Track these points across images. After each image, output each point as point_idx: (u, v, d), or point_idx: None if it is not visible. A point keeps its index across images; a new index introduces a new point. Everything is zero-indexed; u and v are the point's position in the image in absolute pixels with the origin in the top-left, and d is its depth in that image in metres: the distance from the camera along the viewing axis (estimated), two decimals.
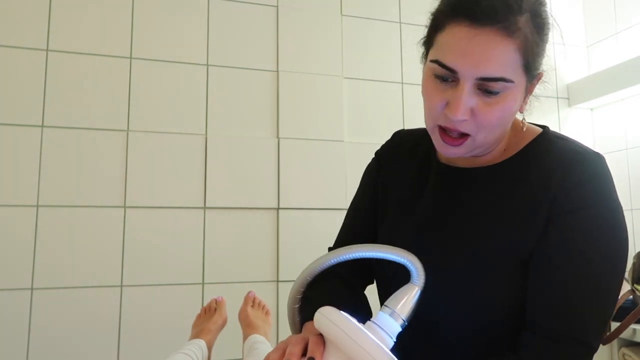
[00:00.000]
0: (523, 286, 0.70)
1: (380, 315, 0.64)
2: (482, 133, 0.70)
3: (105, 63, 1.90)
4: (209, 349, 1.43)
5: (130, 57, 1.93)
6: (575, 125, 2.51)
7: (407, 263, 0.65)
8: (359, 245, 0.68)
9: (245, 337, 1.49)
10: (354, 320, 0.60)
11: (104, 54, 1.90)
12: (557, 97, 2.50)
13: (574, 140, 0.77)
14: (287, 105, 2.07)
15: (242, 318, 1.54)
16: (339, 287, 0.81)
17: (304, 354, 0.61)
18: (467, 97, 0.67)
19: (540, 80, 0.76)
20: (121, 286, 1.82)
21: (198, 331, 1.46)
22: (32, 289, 1.74)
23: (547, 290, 0.68)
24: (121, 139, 1.88)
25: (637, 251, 1.85)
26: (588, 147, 0.75)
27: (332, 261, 0.68)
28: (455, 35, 0.67)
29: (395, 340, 0.63)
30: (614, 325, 1.61)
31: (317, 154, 2.08)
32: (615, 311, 1.74)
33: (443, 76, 0.69)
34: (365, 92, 2.18)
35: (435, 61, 0.69)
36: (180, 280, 1.88)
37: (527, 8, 0.67)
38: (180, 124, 1.95)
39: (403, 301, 0.64)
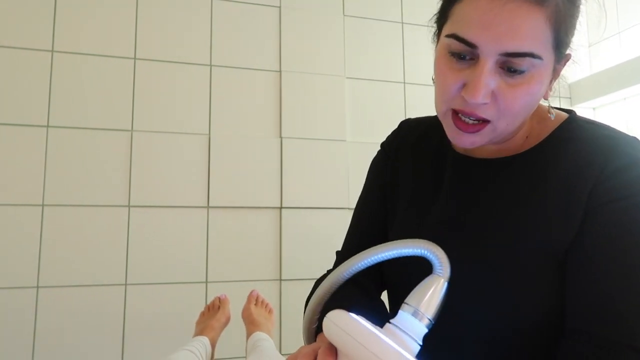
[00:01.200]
0: (558, 289, 0.62)
1: (400, 315, 0.52)
2: (504, 120, 0.61)
3: (110, 64, 1.92)
4: (213, 346, 1.44)
5: (134, 58, 1.95)
6: None
7: (427, 253, 0.54)
8: (366, 251, 0.57)
9: (248, 335, 1.51)
10: (367, 324, 0.50)
11: (108, 54, 1.92)
12: (559, 97, 2.50)
13: (606, 125, 0.68)
14: (289, 105, 2.09)
15: (246, 316, 1.55)
16: (354, 291, 0.71)
17: None
18: (488, 76, 0.58)
19: (568, 63, 0.66)
20: (125, 284, 1.84)
21: (202, 328, 1.48)
22: (37, 287, 1.76)
23: (590, 292, 0.59)
24: (125, 139, 1.90)
25: None
26: (622, 131, 0.66)
27: (345, 275, 0.58)
28: (477, 5, 0.58)
29: (421, 344, 0.52)
30: None
31: (320, 153, 2.09)
32: None
33: (460, 53, 0.60)
34: (367, 92, 2.19)
35: (452, 35, 0.60)
36: (184, 278, 1.90)
37: None
38: (184, 124, 1.97)
39: (427, 296, 0.52)
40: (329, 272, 0.78)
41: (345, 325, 0.49)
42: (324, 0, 2.19)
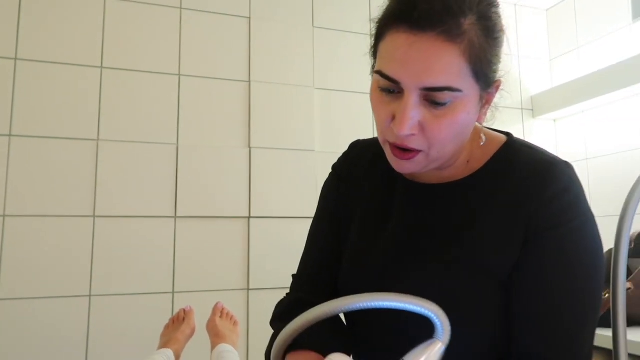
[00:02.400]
0: (503, 309, 0.65)
1: None
2: (434, 148, 0.64)
3: (76, 72, 1.89)
4: (177, 358, 1.44)
5: (101, 67, 1.93)
6: (539, 135, 2.60)
7: (432, 316, 0.55)
8: (373, 294, 0.56)
9: (213, 347, 1.50)
10: None
11: (74, 63, 1.90)
12: (522, 109, 2.59)
13: (541, 149, 0.72)
14: (258, 115, 2.10)
15: (210, 328, 1.55)
16: (326, 322, 0.70)
17: None
18: (412, 110, 0.61)
19: (500, 89, 0.69)
20: (90, 296, 1.81)
21: (166, 341, 1.47)
22: None
23: (536, 315, 0.63)
24: (91, 149, 1.88)
25: None
26: (556, 156, 0.70)
27: (339, 309, 0.57)
28: (395, 43, 0.61)
29: None
30: None
31: (288, 163, 2.10)
32: None
33: (388, 88, 0.64)
34: (336, 103, 2.23)
35: (378, 72, 0.64)
36: (150, 289, 1.88)
37: (473, 10, 0.61)
38: (152, 134, 1.96)
39: (423, 359, 0.55)
40: (287, 295, 0.80)
41: None
42: (293, 12, 2.22)
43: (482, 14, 0.62)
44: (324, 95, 2.21)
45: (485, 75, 0.63)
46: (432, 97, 0.61)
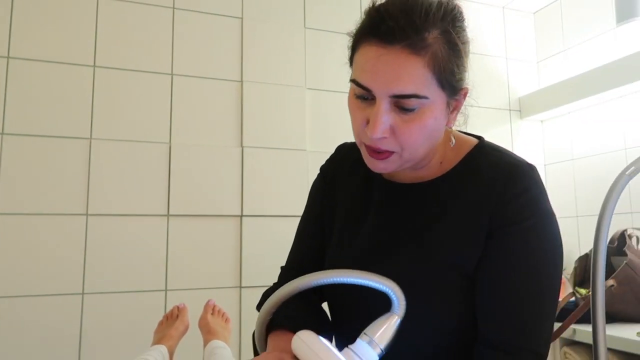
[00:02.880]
0: (469, 300, 0.71)
1: (358, 342, 0.63)
2: (406, 150, 0.70)
3: (68, 71, 1.90)
4: (171, 354, 1.46)
5: (94, 66, 1.94)
6: (527, 136, 2.64)
7: (389, 291, 0.63)
8: (337, 270, 0.66)
9: (205, 343, 1.53)
10: (332, 347, 0.60)
11: (67, 61, 1.90)
12: (510, 110, 2.63)
13: (508, 152, 0.78)
14: (250, 115, 2.12)
15: (202, 325, 1.57)
16: (303, 304, 0.78)
17: None
18: (383, 115, 0.67)
19: (467, 96, 0.76)
20: (83, 294, 1.82)
21: (160, 337, 1.49)
22: None
23: (496, 304, 0.69)
24: (84, 147, 1.89)
25: (577, 257, 1.97)
26: (521, 159, 0.76)
27: (311, 284, 0.65)
28: (366, 55, 0.67)
29: None
30: (556, 325, 1.72)
31: (280, 162, 2.13)
32: (557, 312, 1.85)
33: (362, 95, 0.70)
34: (327, 103, 2.25)
35: (353, 80, 0.70)
36: (143, 287, 1.89)
37: (437, 25, 0.67)
38: (144, 132, 1.97)
39: (382, 330, 0.63)
40: (275, 285, 0.86)
41: (314, 346, 0.59)
42: (285, 13, 2.24)
43: (445, 28, 0.68)
44: (315, 95, 2.24)
45: (450, 84, 0.69)
46: (401, 104, 0.67)
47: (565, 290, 2.13)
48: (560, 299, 1.92)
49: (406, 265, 0.73)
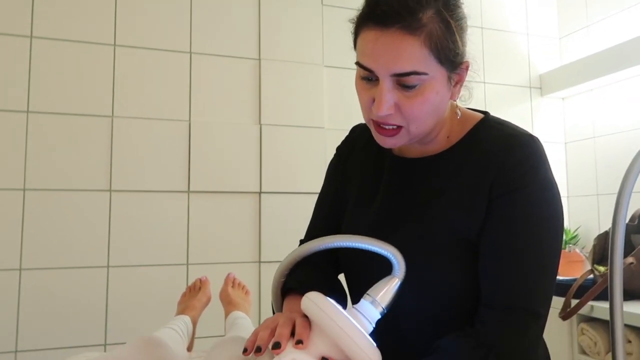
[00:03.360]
0: (473, 266, 0.75)
1: (362, 302, 0.69)
2: (413, 124, 0.75)
3: (90, 50, 1.93)
4: (194, 324, 1.51)
5: (114, 45, 1.96)
6: (547, 114, 2.61)
7: (390, 255, 0.70)
8: (345, 235, 0.73)
9: (226, 314, 1.57)
10: (339, 306, 0.65)
11: (89, 41, 1.93)
12: (530, 87, 2.59)
13: (512, 125, 0.81)
14: (268, 93, 2.13)
15: (223, 297, 1.62)
16: (317, 272, 0.85)
17: (292, 334, 0.65)
18: (387, 93, 0.72)
19: (469, 69, 0.79)
20: (108, 267, 1.88)
21: (183, 308, 1.54)
22: (20, 269, 1.79)
23: (496, 267, 0.73)
24: (106, 125, 1.92)
25: (597, 234, 1.96)
26: (524, 130, 0.79)
27: (318, 247, 0.74)
28: (366, 39, 0.73)
29: (374, 325, 0.69)
30: (574, 302, 1.73)
31: (298, 140, 2.14)
32: (575, 289, 1.86)
33: (367, 77, 0.75)
34: (345, 80, 2.25)
35: (357, 63, 0.75)
36: (166, 261, 1.95)
37: (431, 5, 0.71)
38: (164, 110, 2.00)
39: (384, 291, 0.69)
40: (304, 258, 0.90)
41: (322, 305, 0.64)
42: None
43: (439, 8, 0.72)
44: (333, 73, 2.24)
45: (448, 59, 0.73)
46: (402, 82, 0.72)
47: (584, 267, 2.13)
48: (578, 276, 1.92)
49: (412, 234, 0.78)
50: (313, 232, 0.96)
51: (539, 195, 0.74)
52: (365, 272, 0.83)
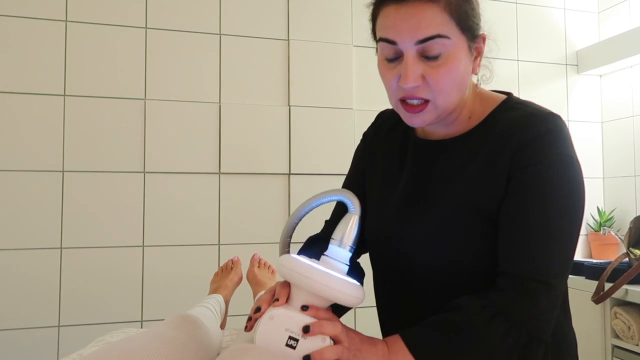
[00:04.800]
0: (492, 239, 0.77)
1: (330, 247, 0.74)
2: (439, 97, 0.76)
3: (123, 33, 1.96)
4: (226, 303, 1.54)
5: (146, 27, 1.99)
6: (583, 92, 2.53)
7: (342, 198, 0.76)
8: (299, 206, 0.81)
9: (255, 294, 1.61)
10: (305, 260, 0.70)
11: (121, 24, 1.96)
12: (566, 64, 2.51)
13: (535, 104, 0.82)
14: (297, 74, 2.13)
15: (250, 278, 1.65)
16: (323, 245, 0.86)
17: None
18: (413, 65, 0.74)
19: (486, 41, 0.81)
20: (143, 246, 1.94)
21: (216, 287, 1.57)
22: (61, 248, 1.87)
23: (512, 239, 0.75)
24: (139, 107, 1.96)
25: (634, 217, 1.91)
26: (545, 108, 0.80)
27: (292, 223, 0.84)
28: (387, 15, 0.75)
29: (349, 264, 0.74)
30: (608, 285, 1.70)
31: (327, 121, 2.14)
32: (609, 272, 1.82)
33: (391, 56, 0.77)
34: (374, 60, 2.21)
35: (380, 39, 0.77)
36: (198, 241, 2.00)
37: None
38: (195, 93, 2.03)
39: (347, 230, 0.74)
40: (317, 234, 1.00)
41: (288, 263, 0.69)
42: None
43: None
44: (362, 53, 2.22)
45: (468, 26, 0.76)
46: (426, 50, 0.74)
47: (619, 250, 2.08)
48: (612, 259, 1.88)
49: (438, 213, 0.80)
50: (339, 211, 0.98)
51: (556, 169, 0.74)
52: (393, 261, 0.87)
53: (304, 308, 0.69)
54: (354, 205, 0.76)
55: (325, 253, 0.74)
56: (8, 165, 1.84)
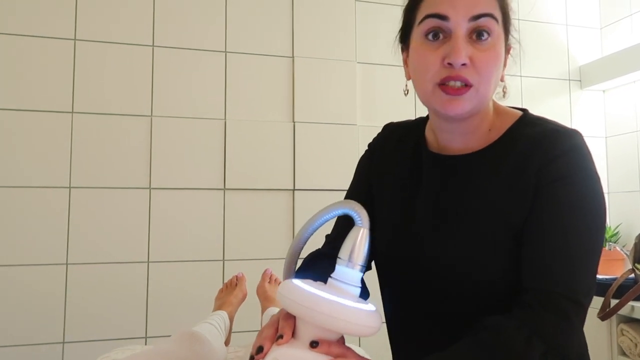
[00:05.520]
0: (515, 256, 0.75)
1: (337, 268, 0.64)
2: (483, 83, 0.75)
3: (130, 51, 1.99)
4: (231, 319, 1.55)
5: (153, 45, 2.02)
6: (587, 107, 2.53)
7: (348, 211, 0.66)
8: (306, 223, 0.71)
9: (263, 310, 1.61)
10: (310, 288, 0.59)
11: (128, 42, 1.99)
12: (569, 79, 2.52)
13: (553, 121, 0.81)
14: (302, 90, 2.15)
15: (260, 293, 1.65)
16: (326, 263, 0.78)
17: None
18: (463, 42, 0.73)
19: (509, 54, 0.81)
20: (148, 262, 1.95)
21: (220, 304, 1.58)
22: (67, 264, 1.88)
23: (538, 256, 0.72)
24: (145, 124, 1.99)
25: (639, 233, 1.90)
26: (566, 126, 0.79)
27: (302, 239, 0.73)
28: None
29: (360, 285, 0.64)
30: (614, 302, 1.69)
31: (331, 137, 2.16)
32: (615, 289, 1.81)
33: (436, 32, 0.75)
34: (378, 77, 2.24)
35: (428, 15, 0.75)
36: (202, 257, 2.00)
37: None
38: (201, 109, 2.05)
39: (355, 247, 0.64)
40: (317, 250, 0.93)
41: (289, 292, 0.59)
42: None
43: None
44: (365, 70, 2.24)
45: (506, 21, 0.78)
46: (479, 27, 0.74)
47: (625, 266, 2.07)
48: (618, 275, 1.87)
49: (460, 232, 0.78)
50: (340, 230, 0.93)
51: (583, 184, 0.74)
52: (399, 273, 0.84)
53: (314, 345, 0.59)
54: (361, 217, 0.65)
55: (332, 275, 0.64)
56: (16, 182, 1.86)
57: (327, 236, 0.97)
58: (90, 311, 1.88)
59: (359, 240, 0.64)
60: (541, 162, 0.74)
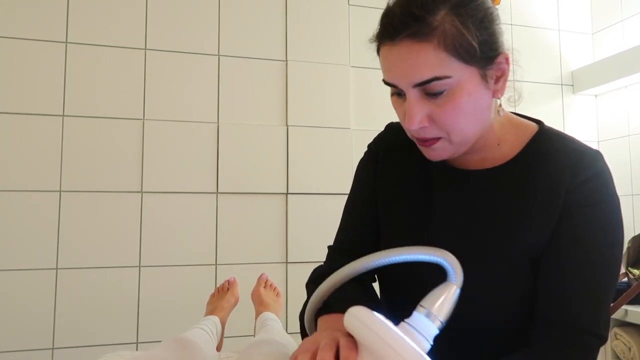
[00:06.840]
0: (534, 283, 0.72)
1: (415, 315, 0.58)
2: (452, 133, 0.70)
3: (122, 54, 1.98)
4: (223, 325, 1.53)
5: (145, 49, 2.01)
6: (579, 111, 2.55)
7: (444, 262, 0.60)
8: (386, 251, 0.62)
9: (257, 315, 1.59)
10: (388, 322, 0.55)
11: (120, 45, 1.98)
12: (562, 84, 2.54)
13: (572, 138, 0.78)
14: (295, 94, 2.14)
15: (255, 297, 1.63)
16: (353, 284, 0.73)
17: (336, 357, 0.56)
18: (415, 105, 0.69)
19: (509, 61, 0.73)
20: (139, 267, 1.93)
21: (212, 309, 1.56)
22: (57, 268, 1.85)
23: (561, 286, 0.69)
24: (137, 128, 1.97)
25: (632, 236, 1.91)
26: (587, 145, 0.77)
27: (362, 268, 0.63)
28: (383, 55, 0.71)
29: (432, 343, 0.58)
30: None
31: (325, 141, 2.15)
32: None
33: (398, 92, 0.72)
34: (371, 80, 2.24)
35: (383, 80, 0.73)
36: (195, 261, 1.98)
37: (441, 6, 0.66)
38: (193, 113, 2.04)
39: (440, 301, 0.58)
40: (325, 264, 0.86)
41: (369, 321, 0.54)
42: None
43: (452, 5, 0.67)
44: (359, 73, 2.24)
45: (475, 56, 0.67)
46: (427, 90, 0.68)
47: None
48: None
49: (471, 250, 0.74)
50: (347, 237, 0.88)
51: (610, 212, 0.72)
52: (407, 277, 0.79)
53: None
54: (455, 273, 0.59)
55: (407, 320, 0.58)
56: (5, 185, 1.83)
57: (329, 247, 0.90)
58: (80, 317, 1.86)
59: (448, 297, 0.59)
60: (566, 188, 0.72)
